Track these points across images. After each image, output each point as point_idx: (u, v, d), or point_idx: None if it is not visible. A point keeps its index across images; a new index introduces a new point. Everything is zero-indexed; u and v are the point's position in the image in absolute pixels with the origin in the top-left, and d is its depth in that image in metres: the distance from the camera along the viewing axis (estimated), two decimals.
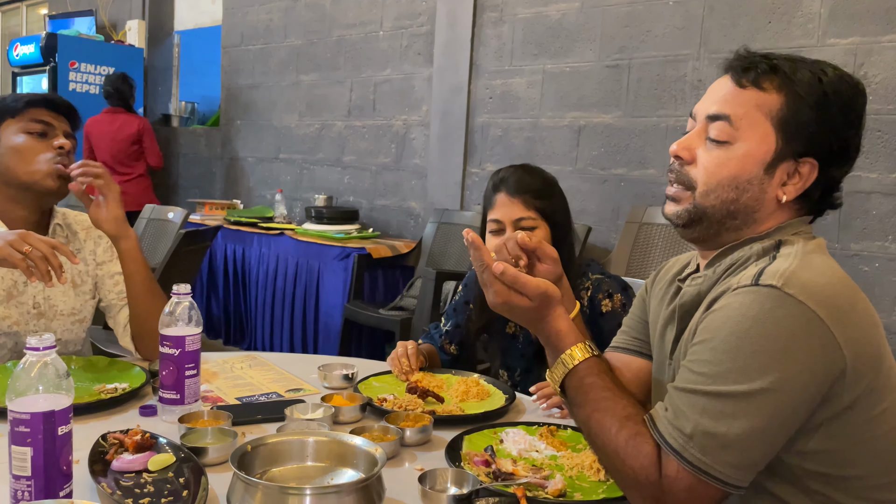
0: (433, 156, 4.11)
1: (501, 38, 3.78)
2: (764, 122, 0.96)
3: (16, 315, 1.57)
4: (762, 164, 0.97)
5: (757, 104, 0.97)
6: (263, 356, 1.74)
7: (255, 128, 5.24)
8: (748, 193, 0.97)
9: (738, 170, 0.97)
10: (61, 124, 1.60)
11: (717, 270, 0.99)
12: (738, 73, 0.99)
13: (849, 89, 0.97)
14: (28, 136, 1.55)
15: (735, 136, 0.97)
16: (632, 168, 3.35)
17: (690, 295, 1.01)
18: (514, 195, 1.59)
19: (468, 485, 1.02)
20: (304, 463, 1.04)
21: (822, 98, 0.95)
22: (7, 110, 1.56)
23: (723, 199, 0.98)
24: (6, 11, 8.06)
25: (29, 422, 0.89)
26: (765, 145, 0.96)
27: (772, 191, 0.98)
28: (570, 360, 0.99)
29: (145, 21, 6.07)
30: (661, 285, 1.17)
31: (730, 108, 0.98)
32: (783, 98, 0.96)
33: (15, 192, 1.55)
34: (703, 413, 0.87)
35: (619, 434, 0.92)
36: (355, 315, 3.64)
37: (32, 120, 1.56)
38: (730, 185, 0.98)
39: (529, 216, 1.58)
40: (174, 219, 3.88)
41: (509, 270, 0.98)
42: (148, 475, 1.03)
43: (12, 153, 1.53)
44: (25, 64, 5.60)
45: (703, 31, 3.09)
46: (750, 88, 0.97)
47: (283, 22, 4.98)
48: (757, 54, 1.00)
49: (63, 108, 1.61)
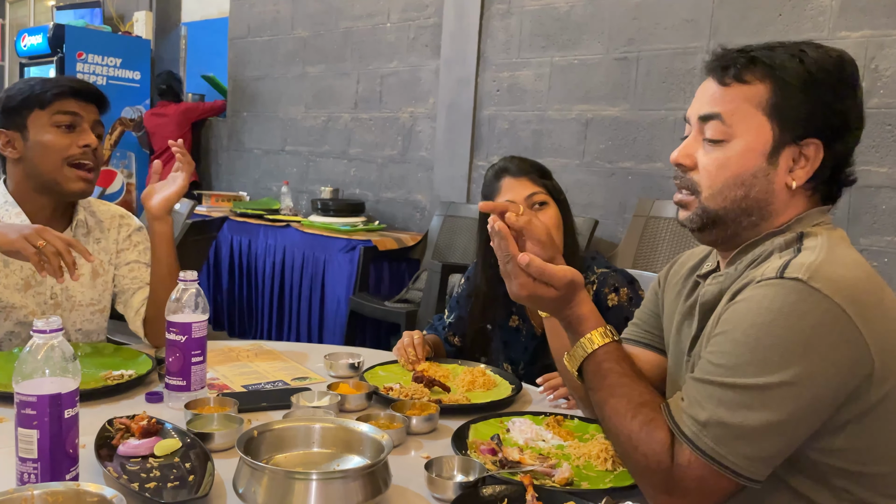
0: (440, 148, 4.10)
1: (509, 30, 3.76)
2: (755, 113, 0.96)
3: (32, 305, 1.58)
4: (763, 156, 0.96)
5: (745, 98, 0.96)
6: (269, 345, 1.74)
7: (261, 119, 5.23)
8: (756, 187, 0.96)
9: (740, 167, 0.96)
10: (89, 114, 1.58)
11: (739, 268, 0.98)
12: (718, 72, 0.99)
13: (832, 62, 0.95)
14: (56, 129, 1.54)
15: (730, 133, 0.96)
16: (639, 161, 3.33)
17: (712, 293, 1.00)
18: (519, 175, 1.60)
19: (475, 472, 1.01)
20: (310, 449, 1.04)
21: (808, 77, 0.94)
22: (35, 100, 1.54)
23: (732, 199, 0.97)
24: (14, 2, 8.07)
25: (35, 404, 0.89)
26: (761, 136, 0.95)
27: (780, 179, 0.96)
28: (589, 345, 0.99)
29: (153, 12, 6.06)
30: (676, 279, 1.16)
31: (719, 107, 0.97)
32: (769, 86, 0.95)
33: (39, 184, 1.56)
34: (720, 403, 0.86)
35: (634, 420, 0.92)
36: (361, 307, 3.64)
37: (60, 112, 1.54)
38: (735, 183, 0.97)
39: (539, 191, 1.59)
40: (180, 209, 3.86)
41: (535, 261, 0.98)
42: (154, 460, 1.03)
43: (40, 149, 1.53)
44: (33, 54, 5.60)
45: (713, 24, 3.06)
46: (734, 85, 0.97)
47: (289, 13, 4.97)
48: (733, 50, 1.00)
49: (91, 96, 1.60)
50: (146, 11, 6.05)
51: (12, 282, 1.56)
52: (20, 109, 1.54)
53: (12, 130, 1.55)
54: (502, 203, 0.98)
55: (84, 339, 1.63)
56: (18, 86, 1.57)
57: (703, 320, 1.01)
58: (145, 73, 5.74)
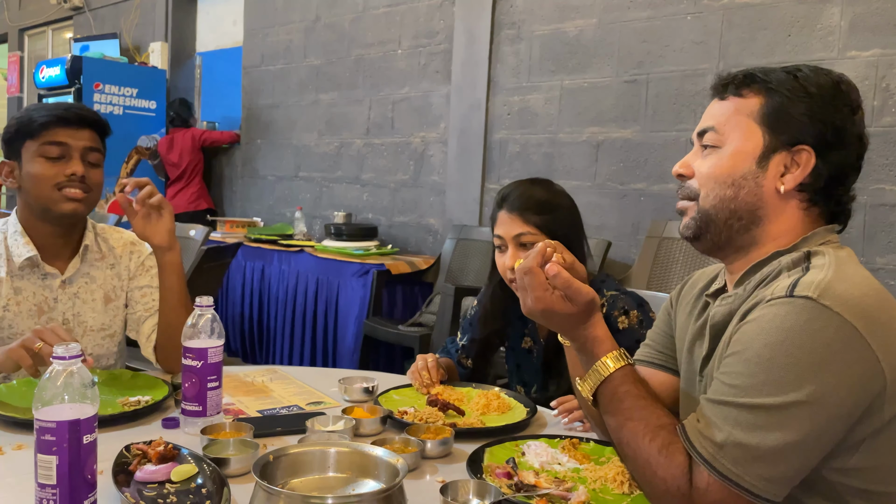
0: (451, 172, 4.12)
1: (519, 54, 3.80)
2: (746, 121, 0.99)
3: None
4: (753, 158, 0.99)
5: (737, 109, 1.01)
6: (284, 370, 1.75)
7: (274, 146, 5.29)
8: (745, 189, 0.99)
9: (730, 167, 0.99)
10: (79, 141, 1.54)
11: (748, 288, 0.98)
12: (719, 90, 1.04)
13: (827, 80, 0.98)
14: (44, 160, 1.51)
15: (722, 140, 1.01)
16: (651, 183, 3.33)
17: (722, 314, 1.00)
18: (512, 212, 1.57)
19: (490, 496, 1.01)
20: (325, 474, 1.04)
21: (801, 89, 0.97)
22: (25, 130, 1.53)
23: (721, 197, 1.00)
24: (32, 35, 8.25)
25: (55, 430, 0.90)
26: (751, 141, 0.99)
27: (769, 183, 0.98)
28: (604, 369, 1.00)
29: (168, 43, 6.17)
30: (687, 299, 1.16)
31: (713, 120, 1.02)
32: (762, 97, 0.99)
33: (38, 211, 1.57)
34: (736, 425, 0.86)
35: (652, 443, 0.91)
36: (374, 331, 3.65)
37: (47, 143, 1.51)
38: (724, 182, 0.99)
39: (529, 231, 1.55)
40: (196, 236, 3.91)
41: (563, 274, 0.99)
42: (171, 485, 1.04)
43: (30, 179, 1.53)
44: (52, 86, 5.71)
45: (722, 46, 3.08)
46: (730, 98, 1.02)
47: (302, 42, 5.04)
48: (735, 71, 1.04)
49: (81, 122, 1.55)
50: (162, 42, 6.16)
51: (25, 308, 1.57)
52: (14, 140, 1.54)
53: (13, 160, 1.56)
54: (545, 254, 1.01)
55: (94, 364, 1.64)
56: (18, 115, 1.57)
57: (713, 340, 1.01)
58: (161, 103, 5.83)
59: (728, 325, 0.98)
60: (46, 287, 1.59)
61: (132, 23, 6.54)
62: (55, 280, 1.60)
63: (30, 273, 1.58)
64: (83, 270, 1.64)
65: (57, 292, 1.60)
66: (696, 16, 3.16)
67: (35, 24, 7.97)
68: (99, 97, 5.49)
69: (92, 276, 1.65)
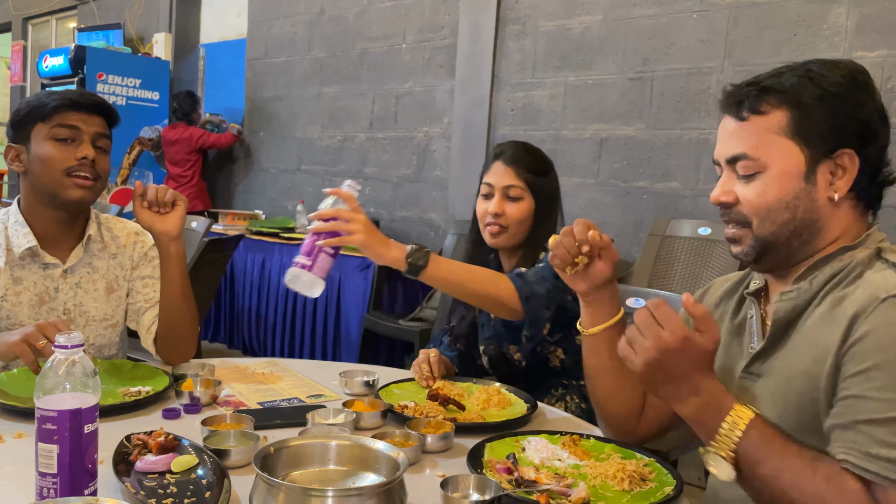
0: (454, 167, 4.12)
1: (524, 50, 3.79)
2: (780, 139, 0.97)
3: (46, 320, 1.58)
4: (800, 176, 0.97)
5: (765, 128, 0.98)
6: (285, 362, 1.75)
7: (277, 139, 5.28)
8: (801, 208, 0.97)
9: (779, 192, 0.97)
10: (91, 126, 1.55)
11: (814, 283, 0.98)
12: (733, 109, 1.00)
13: (842, 74, 0.97)
14: (55, 143, 1.52)
15: (761, 165, 0.98)
16: (655, 181, 3.33)
17: (785, 310, 0.99)
18: (508, 164, 1.69)
19: (490, 491, 1.01)
20: (326, 466, 1.04)
21: (822, 93, 0.95)
22: (37, 113, 1.53)
23: (780, 223, 0.98)
24: (36, 24, 8.24)
25: (56, 419, 0.90)
26: (792, 159, 0.97)
27: (821, 195, 0.97)
28: (744, 415, 0.93)
29: (172, 34, 6.16)
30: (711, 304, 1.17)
31: (743, 145, 0.99)
32: (786, 111, 0.97)
33: (44, 196, 1.56)
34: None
35: (816, 476, 0.88)
36: (375, 325, 3.65)
37: (59, 125, 1.52)
38: (779, 207, 0.98)
39: (518, 185, 1.67)
40: (197, 228, 3.91)
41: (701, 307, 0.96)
42: (171, 476, 1.04)
43: (39, 162, 1.52)
44: (55, 75, 5.70)
45: (728, 44, 3.07)
46: (751, 118, 0.99)
47: (306, 35, 5.03)
48: (742, 84, 1.01)
49: (93, 108, 1.56)
50: (165, 33, 6.15)
51: (25, 298, 1.57)
52: (25, 123, 1.54)
53: (19, 144, 1.56)
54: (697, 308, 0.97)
55: (96, 353, 1.64)
56: (27, 100, 1.58)
57: (775, 336, 1.01)
58: (164, 94, 5.82)
59: (793, 324, 0.98)
60: (47, 277, 1.59)
61: (136, 13, 6.53)
62: (56, 270, 1.60)
63: (30, 263, 1.58)
64: (85, 260, 1.64)
65: (58, 282, 1.60)
66: (702, 14, 3.15)
67: (39, 13, 7.96)
68: (102, 87, 5.48)
69: (94, 266, 1.65)
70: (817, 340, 0.94)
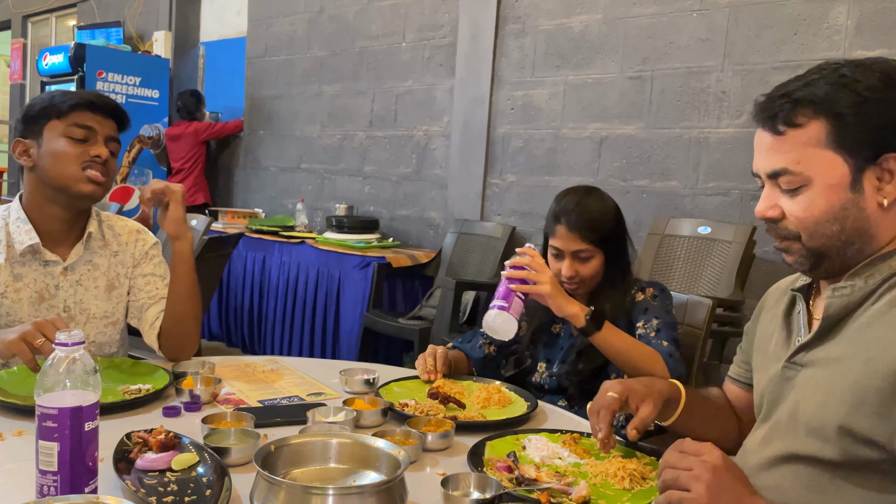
0: (454, 166, 4.12)
1: (523, 49, 3.79)
2: (821, 151, 0.95)
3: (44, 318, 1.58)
4: (846, 187, 0.95)
5: (804, 142, 0.95)
6: (285, 360, 1.75)
7: (277, 138, 5.28)
8: (850, 219, 0.96)
9: (826, 204, 0.96)
10: (104, 128, 1.58)
11: (870, 281, 0.96)
12: (768, 123, 0.98)
13: (877, 77, 0.94)
14: (68, 140, 1.54)
15: (804, 179, 0.96)
16: (654, 180, 3.33)
17: (838, 307, 0.98)
18: (572, 230, 1.67)
19: (491, 490, 1.01)
20: (326, 465, 1.04)
21: (859, 100, 0.93)
22: (53, 110, 1.55)
23: (830, 235, 0.97)
24: (36, 22, 8.23)
25: (56, 417, 0.90)
26: (836, 171, 0.95)
27: (870, 203, 0.95)
28: None
29: (171, 32, 6.16)
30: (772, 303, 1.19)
31: (784, 160, 0.97)
32: (823, 122, 0.94)
33: (51, 192, 1.57)
34: None
35: None
36: (375, 324, 3.65)
37: (75, 124, 1.54)
38: (828, 220, 0.96)
39: (586, 248, 1.67)
40: (197, 226, 3.91)
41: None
42: (171, 474, 1.04)
43: (51, 156, 1.54)
44: (54, 73, 5.70)
45: (728, 43, 3.07)
46: (788, 132, 0.96)
47: (306, 34, 5.03)
48: (774, 96, 0.99)
49: (109, 111, 1.59)
50: (165, 31, 6.14)
51: (25, 295, 1.57)
52: (38, 118, 1.55)
53: (29, 139, 1.57)
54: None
55: (97, 351, 1.64)
56: (41, 96, 1.59)
57: (825, 328, 1.00)
58: (164, 92, 5.82)
59: (844, 320, 0.97)
60: (48, 274, 1.59)
61: (136, 11, 6.52)
62: (57, 267, 1.60)
63: (31, 260, 1.58)
64: (86, 258, 1.64)
65: (58, 279, 1.60)
66: (701, 13, 3.15)
67: (38, 11, 7.95)
68: (102, 85, 5.48)
69: (95, 264, 1.65)
70: (878, 337, 0.92)
